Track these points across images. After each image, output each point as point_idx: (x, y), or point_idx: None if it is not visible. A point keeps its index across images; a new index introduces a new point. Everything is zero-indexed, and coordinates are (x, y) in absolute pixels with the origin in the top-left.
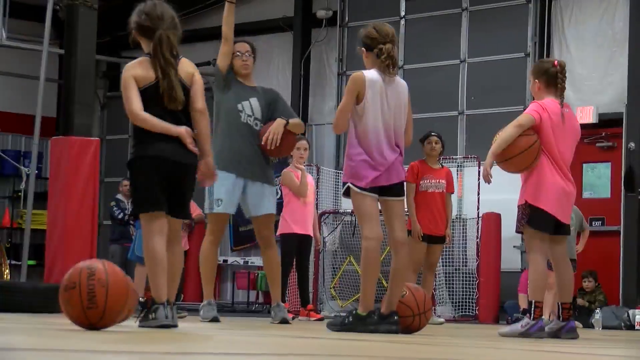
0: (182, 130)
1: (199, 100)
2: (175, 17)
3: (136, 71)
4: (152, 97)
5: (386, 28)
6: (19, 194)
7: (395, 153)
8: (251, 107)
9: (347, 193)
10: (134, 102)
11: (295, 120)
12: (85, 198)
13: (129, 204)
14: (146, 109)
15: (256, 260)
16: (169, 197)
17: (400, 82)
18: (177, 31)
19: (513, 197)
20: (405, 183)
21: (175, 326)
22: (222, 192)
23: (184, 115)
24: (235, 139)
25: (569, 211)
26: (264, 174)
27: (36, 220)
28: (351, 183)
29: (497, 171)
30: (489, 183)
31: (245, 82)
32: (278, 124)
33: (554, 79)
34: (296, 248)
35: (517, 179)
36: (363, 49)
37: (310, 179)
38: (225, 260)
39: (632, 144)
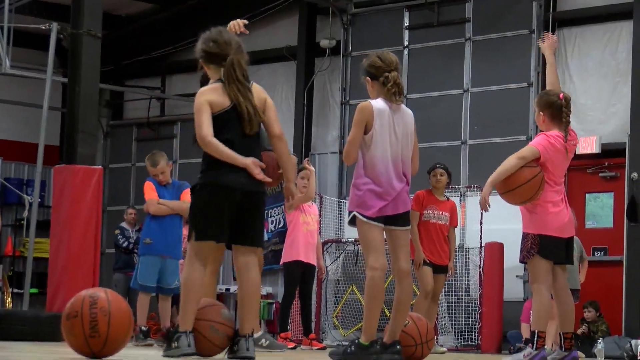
0: (248, 162)
1: (275, 126)
2: (241, 43)
3: (212, 97)
4: (226, 123)
5: (390, 56)
6: (22, 222)
7: (402, 183)
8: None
9: (352, 222)
10: (205, 128)
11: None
12: (88, 226)
13: (134, 232)
14: (219, 135)
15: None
16: (237, 226)
17: (407, 111)
18: (245, 56)
19: (516, 227)
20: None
21: (192, 354)
22: None
23: (254, 142)
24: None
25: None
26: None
27: (39, 248)
28: (357, 212)
29: (500, 201)
30: (486, 211)
31: None
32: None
33: (559, 112)
34: (300, 277)
35: (519, 208)
36: (368, 78)
37: (314, 208)
38: (227, 289)
39: (635, 174)
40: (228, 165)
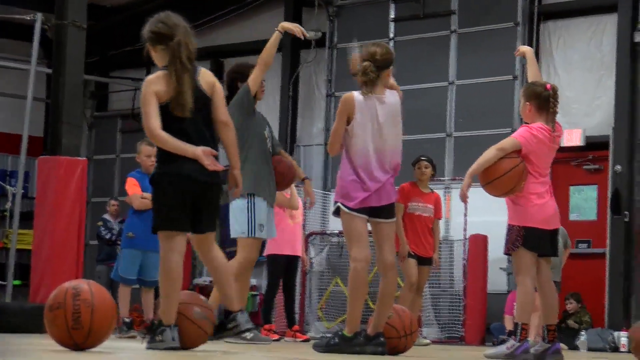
0: (199, 152)
1: (222, 112)
2: (189, 28)
3: (157, 86)
4: (168, 113)
5: (374, 48)
6: (5, 213)
7: (387, 174)
8: (270, 134)
9: (337, 213)
10: (152, 120)
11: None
12: (72, 218)
13: (116, 224)
14: (171, 124)
15: None
16: (195, 215)
17: (391, 99)
18: (192, 41)
19: (500, 219)
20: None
21: (176, 348)
22: (262, 217)
23: (206, 124)
24: (264, 166)
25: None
26: (272, 196)
27: (22, 240)
28: (341, 203)
29: (484, 193)
30: (465, 203)
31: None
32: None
33: (546, 103)
34: (284, 269)
35: (503, 200)
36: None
37: (298, 200)
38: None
39: (618, 167)
40: (182, 157)
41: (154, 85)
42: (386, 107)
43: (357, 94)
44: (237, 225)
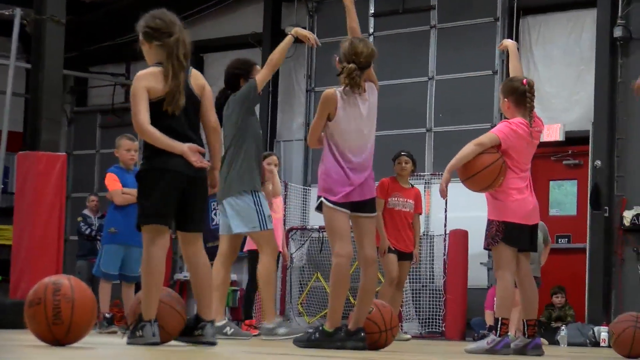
0: (185, 148)
1: (211, 116)
2: (183, 25)
3: (150, 82)
4: (159, 110)
5: (359, 47)
6: None
7: (368, 169)
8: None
9: (319, 208)
10: (142, 115)
11: None
12: (52, 213)
13: (96, 219)
14: (159, 120)
15: None
16: (182, 212)
17: (371, 95)
18: (189, 38)
19: (480, 214)
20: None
21: (156, 343)
22: (267, 210)
23: (193, 121)
24: (258, 163)
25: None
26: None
27: (2, 235)
28: (324, 197)
29: (464, 188)
30: (444, 198)
31: None
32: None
33: (523, 98)
34: None
35: (483, 195)
36: (337, 58)
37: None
38: None
39: (598, 162)
40: (170, 152)
41: (146, 80)
42: (367, 104)
43: (338, 91)
44: (245, 221)
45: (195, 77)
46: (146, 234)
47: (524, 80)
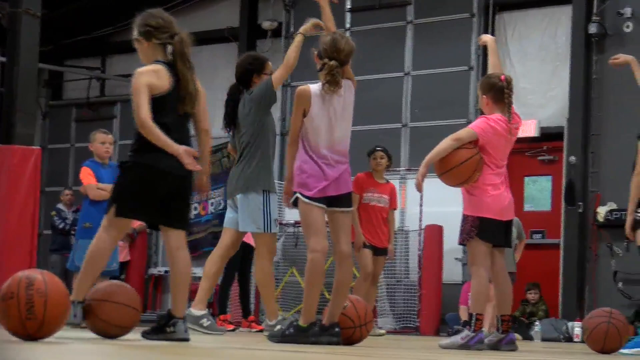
0: (181, 151)
1: (205, 120)
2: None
3: (152, 79)
4: (163, 106)
5: (341, 44)
6: None
7: (344, 164)
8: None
9: (295, 203)
10: (144, 111)
11: None
12: (26, 207)
13: (70, 213)
14: (155, 117)
15: (198, 271)
16: (168, 208)
17: (348, 92)
18: (189, 37)
19: (455, 210)
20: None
21: (77, 325)
22: (276, 213)
23: (187, 123)
24: (272, 162)
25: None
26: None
27: None
28: (300, 193)
29: (439, 183)
30: (420, 192)
31: None
32: None
33: (501, 94)
34: (240, 259)
35: (459, 191)
36: (316, 53)
37: None
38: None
39: (573, 158)
40: (159, 150)
41: (148, 76)
42: (342, 99)
43: (313, 87)
44: (252, 220)
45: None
46: (108, 220)
47: (502, 77)
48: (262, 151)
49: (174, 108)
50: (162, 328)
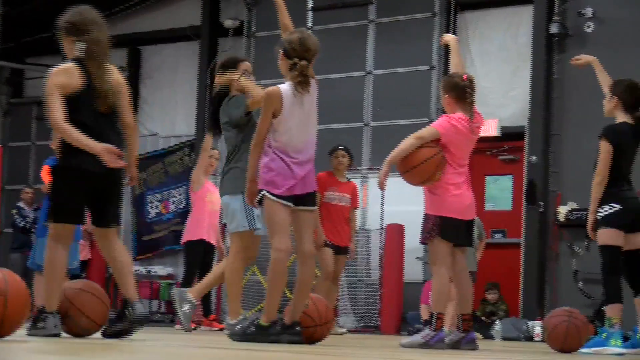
0: (100, 148)
1: (129, 114)
2: (105, 23)
3: (63, 79)
4: (78, 104)
5: (309, 43)
6: None
7: (310, 163)
8: None
9: (260, 202)
10: (57, 112)
11: None
12: None
13: (31, 211)
14: (72, 116)
15: (159, 270)
16: (98, 208)
17: (314, 89)
18: (108, 37)
19: (416, 209)
20: None
21: (57, 335)
22: (256, 211)
23: (109, 121)
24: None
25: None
26: None
27: None
28: (267, 191)
29: (401, 182)
30: (382, 190)
31: None
32: None
33: (463, 93)
34: (201, 257)
35: (421, 190)
36: (282, 51)
37: (216, 190)
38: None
39: (533, 157)
40: (86, 152)
41: (59, 77)
42: (309, 98)
43: (283, 88)
44: (236, 221)
45: (114, 73)
46: (53, 229)
47: (464, 76)
48: (245, 154)
49: (90, 106)
50: (121, 316)
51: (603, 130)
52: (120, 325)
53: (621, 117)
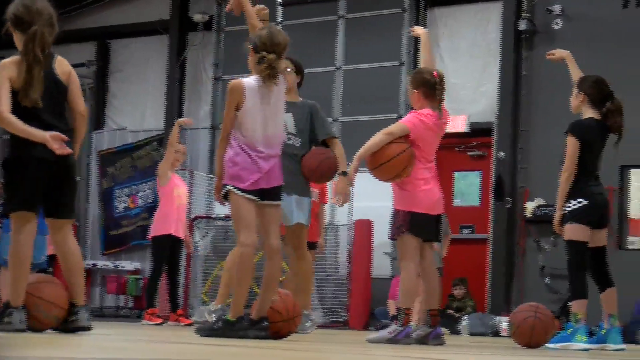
0: (46, 137)
1: (79, 102)
2: (54, 15)
3: (11, 72)
4: (24, 95)
5: (279, 38)
6: None
7: (275, 157)
8: (285, 122)
9: (226, 196)
10: (3, 104)
11: (341, 157)
12: None
13: None
14: (24, 108)
15: (127, 265)
16: (50, 199)
17: (280, 82)
18: (53, 29)
19: (385, 204)
20: None
21: (23, 330)
22: None
23: (58, 114)
24: None
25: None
26: (295, 186)
27: None
28: (232, 185)
29: (370, 178)
30: (351, 187)
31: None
32: (343, 184)
33: (432, 90)
34: (168, 252)
35: (389, 186)
36: (251, 47)
37: (184, 183)
38: (95, 264)
39: (502, 154)
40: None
41: (8, 69)
42: (277, 93)
43: (247, 81)
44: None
45: (61, 64)
46: (14, 222)
47: (435, 73)
48: None
49: (29, 98)
50: (65, 318)
51: (570, 126)
52: (60, 326)
53: (588, 113)
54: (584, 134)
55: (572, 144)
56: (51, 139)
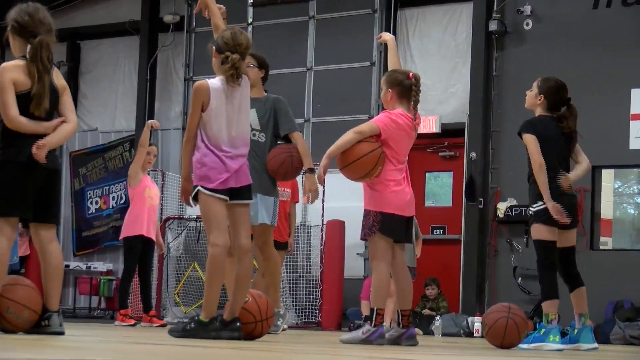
0: (39, 141)
1: (72, 117)
2: (53, 25)
3: (15, 75)
4: (26, 103)
5: (242, 38)
6: None
7: (243, 157)
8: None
9: (196, 198)
10: (12, 109)
11: (305, 152)
12: None
13: None
14: (25, 111)
15: (99, 266)
16: (38, 203)
17: (244, 82)
18: (54, 39)
19: (357, 205)
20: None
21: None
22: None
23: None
24: None
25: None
26: (260, 185)
27: None
28: (201, 186)
29: (341, 178)
30: (322, 185)
31: None
32: (312, 181)
33: (407, 91)
34: (140, 253)
35: (361, 186)
36: (214, 48)
37: (154, 185)
38: (67, 266)
39: (473, 154)
40: (27, 144)
41: (12, 73)
42: (241, 93)
43: (212, 82)
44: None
45: (57, 76)
46: None
47: (410, 74)
48: None
49: (28, 107)
50: (37, 323)
51: (521, 126)
52: (33, 330)
53: (541, 113)
54: (536, 129)
55: (530, 141)
56: (35, 146)
